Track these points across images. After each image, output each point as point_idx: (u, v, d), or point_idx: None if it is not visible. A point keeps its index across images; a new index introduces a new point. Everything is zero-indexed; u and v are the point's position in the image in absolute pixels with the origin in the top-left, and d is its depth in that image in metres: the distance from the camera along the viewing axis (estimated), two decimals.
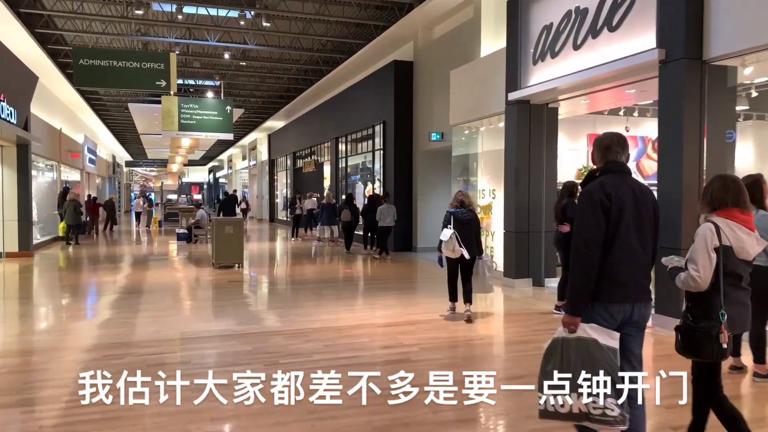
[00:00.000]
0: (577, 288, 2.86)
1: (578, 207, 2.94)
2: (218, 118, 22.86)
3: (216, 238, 11.65)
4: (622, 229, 2.83)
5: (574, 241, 2.87)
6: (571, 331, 2.82)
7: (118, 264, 12.96)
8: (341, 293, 9.00)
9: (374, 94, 16.39)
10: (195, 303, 8.04)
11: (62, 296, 8.85)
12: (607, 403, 2.72)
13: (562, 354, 2.83)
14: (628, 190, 2.90)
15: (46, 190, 19.00)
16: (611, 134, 3.08)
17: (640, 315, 2.93)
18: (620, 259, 2.84)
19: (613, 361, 2.77)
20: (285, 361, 5.20)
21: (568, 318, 2.84)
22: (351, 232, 14.80)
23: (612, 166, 2.97)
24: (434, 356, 5.39)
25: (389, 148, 15.43)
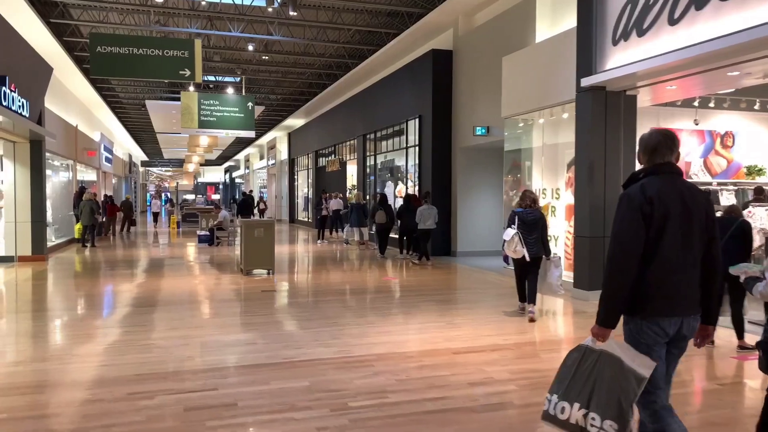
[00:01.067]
0: (610, 298, 2.71)
1: (617, 212, 2.72)
2: (239, 115, 21.93)
3: (245, 242, 10.64)
4: (666, 237, 2.65)
5: (609, 248, 2.71)
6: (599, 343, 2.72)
7: (137, 270, 11.99)
8: (393, 307, 7.91)
9: (409, 87, 15.30)
10: (229, 319, 6.99)
11: (77, 310, 7.85)
12: (605, 425, 2.61)
13: (580, 361, 2.76)
14: (675, 194, 2.69)
15: (61, 189, 18.14)
16: (658, 133, 2.82)
17: (689, 329, 2.75)
18: (666, 269, 2.66)
19: (632, 389, 2.59)
20: (356, 403, 4.12)
21: (597, 329, 2.72)
22: (386, 235, 13.71)
23: (658, 167, 2.76)
24: (536, 400, 4.29)
25: (426, 144, 14.32)
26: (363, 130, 19.14)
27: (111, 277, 10.72)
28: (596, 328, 2.72)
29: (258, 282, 9.95)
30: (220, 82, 24.17)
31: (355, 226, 15.84)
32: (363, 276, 10.94)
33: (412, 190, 15.55)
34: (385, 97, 17.03)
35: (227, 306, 7.87)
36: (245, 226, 10.67)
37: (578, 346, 2.83)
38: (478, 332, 6.33)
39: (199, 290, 9.14)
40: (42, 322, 6.94)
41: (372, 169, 18.84)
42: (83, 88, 20.78)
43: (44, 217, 13.20)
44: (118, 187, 33.01)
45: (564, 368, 2.83)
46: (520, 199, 7.17)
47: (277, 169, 34.99)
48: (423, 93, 14.39)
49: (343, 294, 8.84)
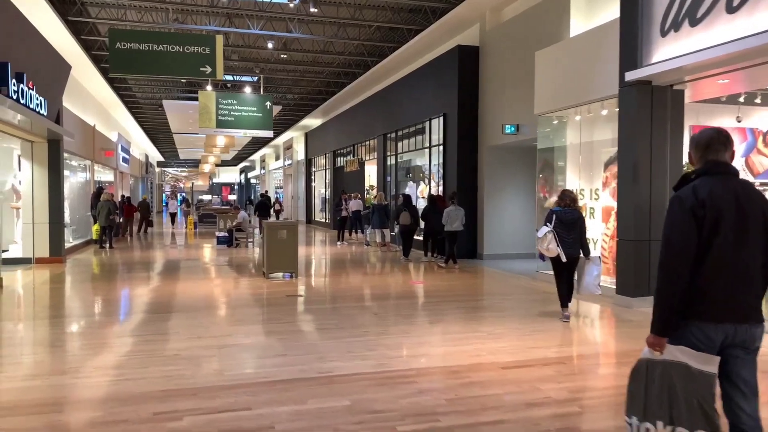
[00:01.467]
0: (664, 305, 2.59)
1: (667, 214, 2.62)
2: (258, 115, 21.64)
3: (267, 244, 10.28)
4: (719, 240, 2.51)
5: (661, 254, 2.60)
6: (658, 353, 2.61)
7: (156, 272, 11.70)
8: (426, 314, 7.50)
9: (433, 85, 14.87)
10: (255, 327, 6.62)
11: (95, 315, 7.54)
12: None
13: (647, 377, 2.63)
14: (728, 195, 2.55)
15: (78, 190, 17.96)
16: (711, 131, 2.68)
17: (747, 336, 2.57)
18: (717, 274, 2.53)
19: (707, 389, 2.50)
20: (405, 428, 3.71)
21: (652, 338, 2.62)
22: (410, 236, 13.29)
23: (711, 167, 2.63)
24: (605, 424, 3.85)
25: (451, 143, 13.89)
26: (383, 130, 18.75)
27: (129, 280, 10.42)
28: (651, 338, 2.62)
29: (281, 286, 9.59)
30: (238, 81, 23.93)
31: (377, 228, 15.44)
32: (389, 280, 10.54)
33: (436, 191, 15.12)
34: (407, 96, 16.62)
35: (251, 312, 7.51)
36: (268, 228, 10.31)
37: (639, 360, 2.69)
38: (522, 344, 5.89)
39: (221, 294, 8.79)
40: (59, 329, 6.62)
41: (392, 169, 18.43)
42: (101, 87, 20.62)
43: (62, 219, 12.96)
44: (134, 187, 32.96)
45: (634, 386, 2.68)
46: (559, 198, 7.05)
47: (293, 170, 34.72)
48: (448, 90, 13.95)
49: (370, 299, 8.44)
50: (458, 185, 13.43)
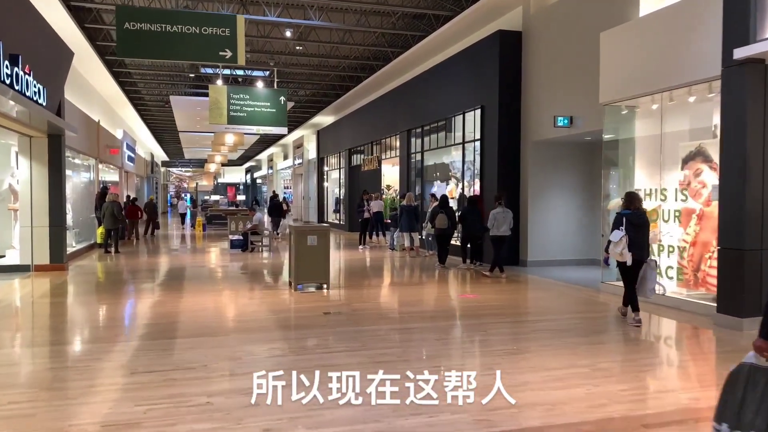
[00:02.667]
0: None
1: None
2: (271, 110, 20.43)
3: (295, 251, 9.06)
4: None
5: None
6: (765, 358, 2.50)
7: (168, 282, 10.49)
8: (503, 340, 6.26)
9: (467, 75, 13.63)
10: (302, 359, 5.40)
11: (103, 341, 6.33)
12: None
13: (747, 383, 2.49)
14: None
15: (82, 190, 16.77)
16: None
17: None
18: None
19: None
20: None
21: (761, 342, 2.53)
22: (447, 241, 12.04)
23: None
24: None
25: (490, 138, 12.64)
26: (407, 125, 17.51)
27: (138, 292, 9.21)
28: (760, 341, 2.54)
29: (314, 300, 8.37)
30: (249, 76, 22.72)
31: (405, 231, 14.20)
32: (434, 292, 9.29)
33: (469, 191, 13.89)
34: (436, 88, 15.38)
35: (289, 336, 6.28)
36: (296, 234, 9.08)
37: (740, 365, 2.58)
38: (643, 384, 4.66)
39: (248, 312, 7.58)
40: (59, 362, 5.41)
41: (417, 167, 17.20)
42: (105, 82, 19.44)
43: (64, 222, 11.76)
44: (140, 187, 31.80)
45: (730, 391, 2.57)
46: (627, 200, 6.81)
47: (304, 169, 33.51)
48: (487, 80, 12.71)
49: (423, 318, 7.21)
50: (499, 184, 12.19)
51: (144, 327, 6.80)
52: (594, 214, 12.27)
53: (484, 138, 12.88)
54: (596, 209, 12.13)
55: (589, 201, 12.37)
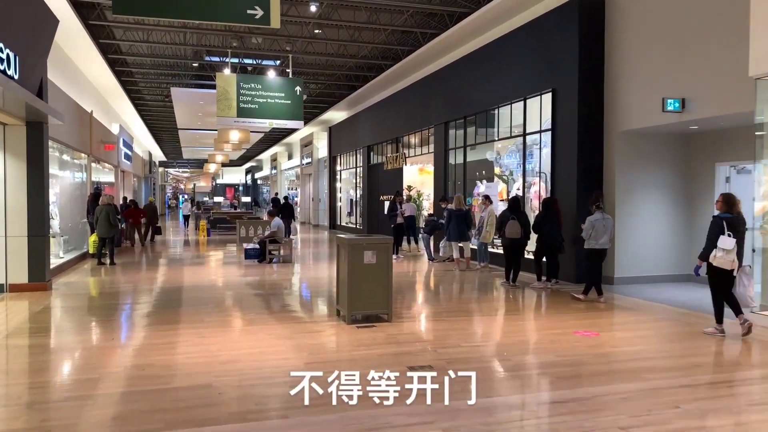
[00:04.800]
0: None
1: None
2: (286, 101, 18.22)
3: (348, 271, 6.86)
4: None
5: None
6: None
7: (176, 310, 8.26)
8: (722, 420, 4.06)
9: (532, 53, 11.44)
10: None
11: (92, 405, 4.11)
12: None
13: None
14: None
15: (73, 191, 14.54)
16: None
17: None
18: None
19: None
20: None
21: None
22: (520, 254, 9.84)
23: None
24: None
25: (564, 127, 10.47)
26: (444, 117, 15.33)
27: (141, 327, 6.98)
28: None
29: (381, 341, 6.16)
30: (259, 65, 20.50)
31: (454, 240, 11.99)
32: (532, 326, 7.04)
33: (530, 192, 11.72)
34: (486, 71, 13.19)
35: (381, 424, 4.06)
36: (350, 248, 6.87)
37: None
38: None
39: (299, 363, 5.36)
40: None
41: (460, 164, 15.00)
42: (99, 70, 17.23)
43: (46, 230, 9.52)
44: (137, 188, 29.51)
45: None
46: (726, 203, 6.30)
47: (313, 169, 31.29)
48: (561, 58, 10.54)
49: (567, 379, 5.00)
50: (579, 185, 10.04)
51: (154, 396, 4.58)
52: (693, 220, 10.13)
53: (556, 128, 10.71)
54: (697, 214, 9.99)
55: (688, 204, 10.23)
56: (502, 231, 9.64)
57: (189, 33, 17.36)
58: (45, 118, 9.27)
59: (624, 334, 6.53)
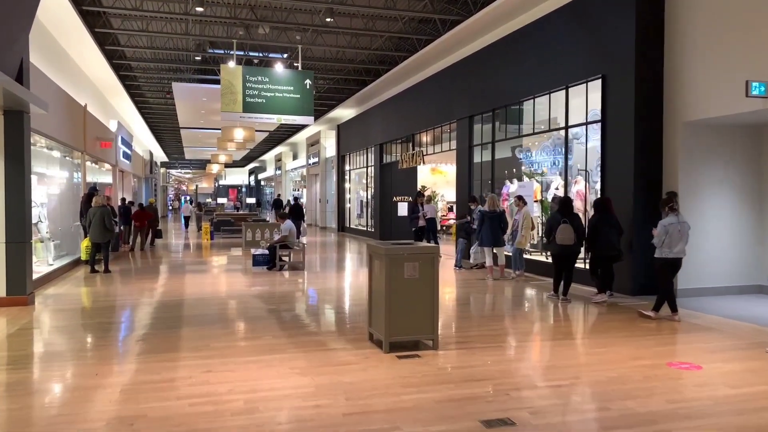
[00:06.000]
0: None
1: None
2: (295, 96, 17.03)
3: (386, 286, 5.62)
4: None
5: None
6: None
7: (177, 332, 7.03)
8: None
9: (575, 36, 10.20)
10: None
11: None
12: None
13: None
14: None
15: (65, 191, 13.35)
16: None
17: None
18: None
19: None
20: None
21: None
22: (571, 263, 8.59)
23: None
24: None
25: (617, 118, 9.24)
26: (468, 110, 14.09)
27: (137, 355, 5.76)
28: None
29: (432, 375, 4.93)
30: (266, 57, 19.28)
31: (488, 245, 10.75)
32: (615, 356, 5.76)
33: (570, 191, 10.50)
34: (519, 59, 11.96)
35: None
36: (388, 259, 5.63)
37: None
38: None
39: (335, 412, 4.13)
40: None
41: (484, 162, 13.77)
42: (95, 62, 16.06)
43: (27, 235, 8.31)
44: (138, 189, 28.31)
45: None
46: None
47: (320, 169, 30.07)
48: (613, 40, 9.30)
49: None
50: (636, 183, 8.81)
51: None
52: (765, 224, 8.89)
53: (606, 119, 9.47)
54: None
55: (759, 206, 8.99)
56: (551, 237, 8.39)
57: (191, 23, 16.19)
58: (26, 107, 8.07)
59: (730, 366, 5.28)
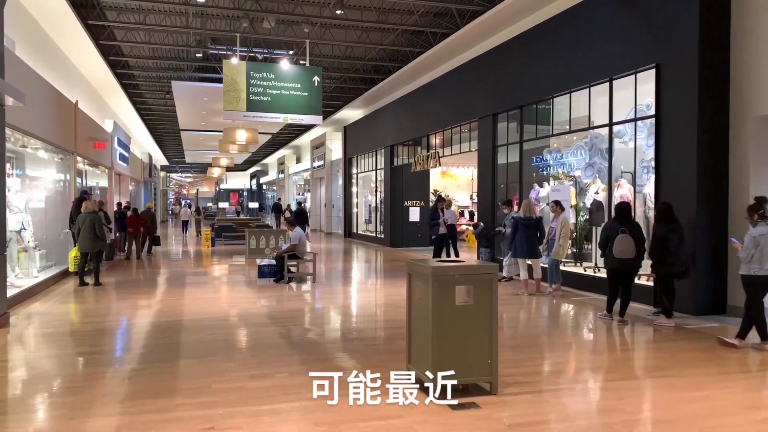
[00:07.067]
0: None
1: None
2: (302, 93, 15.92)
3: (432, 314, 4.50)
4: None
5: None
6: None
7: (174, 364, 5.89)
8: None
9: (622, 21, 9.08)
10: None
11: None
12: None
13: None
14: None
15: (52, 196, 12.24)
16: None
17: None
18: None
19: None
20: None
21: None
22: (631, 279, 7.44)
23: None
24: None
25: (674, 113, 8.12)
26: (493, 108, 12.99)
27: (122, 401, 4.62)
28: None
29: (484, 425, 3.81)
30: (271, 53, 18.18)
31: (522, 256, 9.60)
32: (727, 404, 4.61)
33: (614, 194, 9.38)
34: (551, 50, 10.84)
35: None
36: (435, 281, 4.50)
37: None
38: None
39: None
40: None
41: (510, 163, 12.66)
42: (89, 58, 15.00)
43: (1, 245, 7.19)
44: (136, 193, 27.20)
45: None
46: None
47: (326, 172, 28.96)
48: (671, 24, 8.19)
49: None
50: (699, 185, 7.69)
51: None
52: None
53: (661, 114, 8.35)
54: None
55: None
56: (607, 249, 7.26)
57: (192, 16, 15.12)
58: (1, 98, 6.97)
59: None
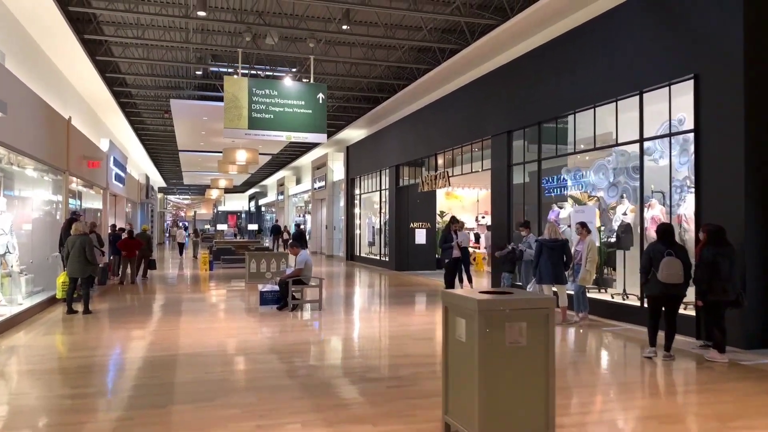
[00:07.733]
0: None
1: None
2: (306, 111, 15.34)
3: (480, 359, 3.75)
4: None
5: None
6: None
7: (167, 411, 5.12)
8: None
9: (655, 30, 8.49)
10: None
11: None
12: None
13: None
14: None
15: (41, 217, 11.51)
16: None
17: None
18: None
19: None
20: None
21: None
22: (676, 307, 6.70)
23: None
24: None
25: (716, 126, 7.48)
26: (508, 125, 12.38)
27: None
28: None
29: None
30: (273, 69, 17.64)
31: (547, 282, 8.85)
32: None
33: (657, 218, 8.69)
34: (573, 63, 10.26)
35: None
36: (481, 317, 3.77)
37: None
38: None
39: None
40: None
41: (527, 183, 12.00)
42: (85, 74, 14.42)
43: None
44: (132, 215, 26.45)
45: None
46: None
47: (327, 193, 28.30)
48: (710, 32, 7.60)
49: None
50: (747, 204, 7.01)
51: None
52: None
53: (700, 128, 7.71)
54: None
55: None
56: (650, 274, 6.53)
57: (192, 32, 14.60)
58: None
59: None
